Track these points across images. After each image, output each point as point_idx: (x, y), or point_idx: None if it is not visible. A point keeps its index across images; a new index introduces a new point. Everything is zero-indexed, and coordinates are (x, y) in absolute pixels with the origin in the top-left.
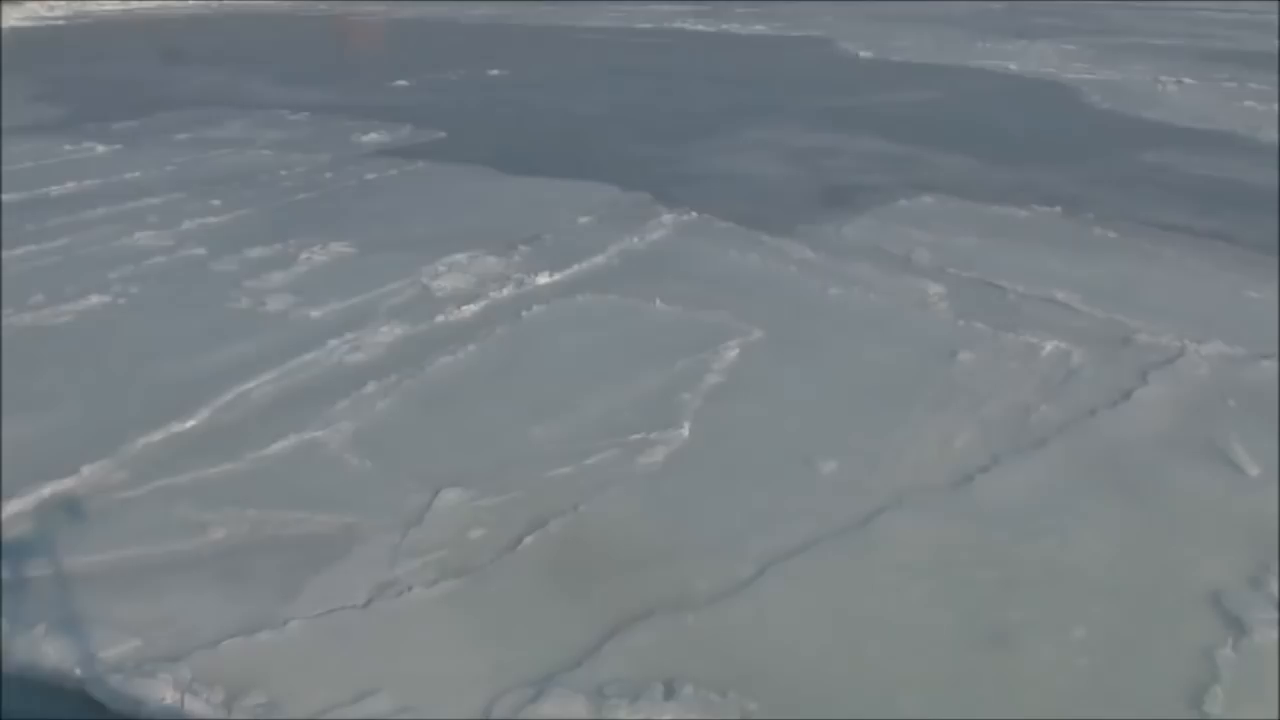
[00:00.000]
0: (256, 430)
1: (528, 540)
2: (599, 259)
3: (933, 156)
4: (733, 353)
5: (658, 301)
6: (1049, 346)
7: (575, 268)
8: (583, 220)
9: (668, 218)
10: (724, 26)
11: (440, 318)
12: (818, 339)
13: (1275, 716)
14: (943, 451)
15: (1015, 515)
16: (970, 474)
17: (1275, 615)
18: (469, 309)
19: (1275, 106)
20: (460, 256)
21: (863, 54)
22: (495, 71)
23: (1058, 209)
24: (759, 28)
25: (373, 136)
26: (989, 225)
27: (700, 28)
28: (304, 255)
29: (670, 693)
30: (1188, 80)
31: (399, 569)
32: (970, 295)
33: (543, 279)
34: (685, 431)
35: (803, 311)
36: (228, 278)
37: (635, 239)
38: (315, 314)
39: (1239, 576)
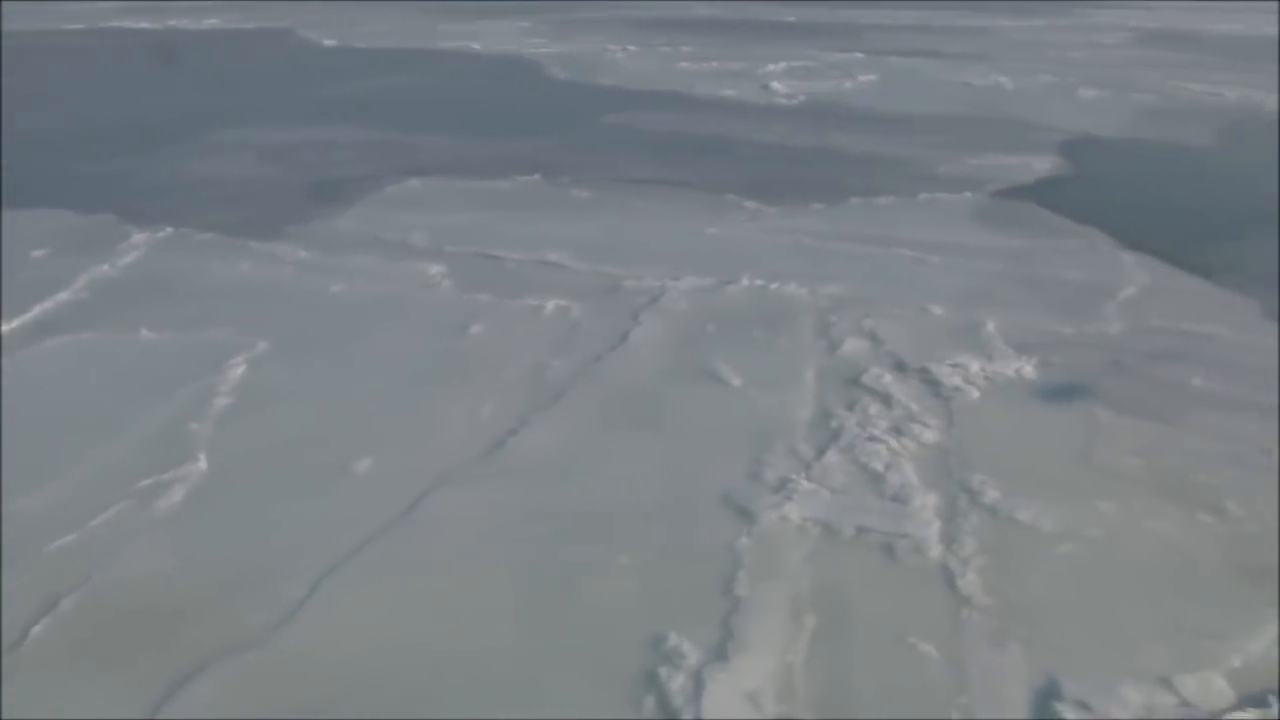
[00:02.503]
0: None
1: (37, 630)
2: (65, 294)
3: (414, 140)
4: (239, 370)
5: (143, 331)
6: (550, 305)
7: (39, 308)
8: (38, 253)
9: (139, 237)
10: (171, 23)
11: None
12: (329, 338)
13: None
14: (473, 423)
15: (551, 467)
16: (502, 439)
17: (775, 499)
18: None
19: (706, 65)
20: None
21: (327, 43)
22: None
23: (537, 176)
24: (212, 21)
25: None
26: (477, 200)
27: (144, 25)
28: None
29: None
30: (631, 48)
31: None
32: (471, 269)
33: (4, 326)
34: (202, 464)
35: (308, 313)
36: None
37: (105, 266)
38: None
39: (741, 475)
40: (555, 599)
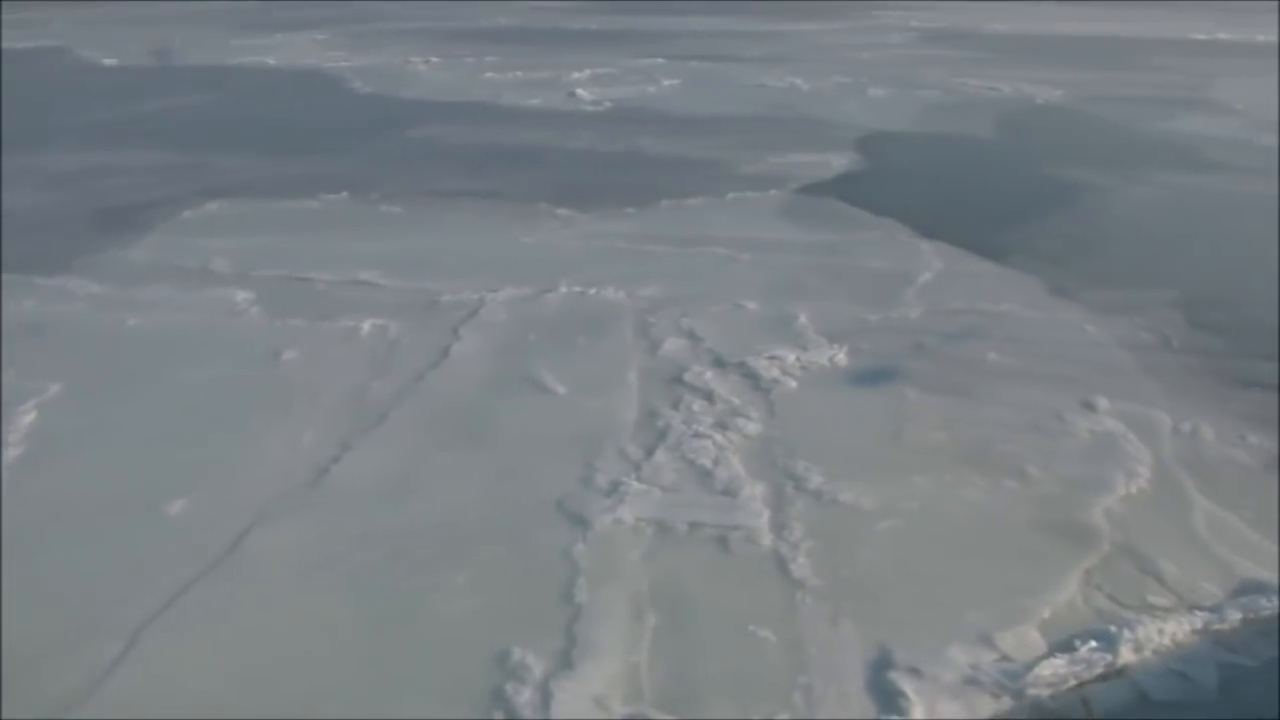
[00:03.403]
0: None
1: None
2: None
3: (211, 161)
4: (29, 417)
5: None
6: (367, 326)
7: None
8: None
9: None
10: None
11: None
12: (128, 376)
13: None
14: (293, 453)
15: (380, 491)
16: (325, 467)
17: (608, 502)
18: None
19: (511, 75)
20: None
21: (107, 61)
22: None
23: (345, 194)
24: None
25: None
26: (282, 221)
27: None
28: None
29: None
30: (434, 59)
31: None
32: (280, 294)
33: None
34: None
35: (104, 351)
36: None
37: None
38: None
39: (573, 481)
40: (395, 625)
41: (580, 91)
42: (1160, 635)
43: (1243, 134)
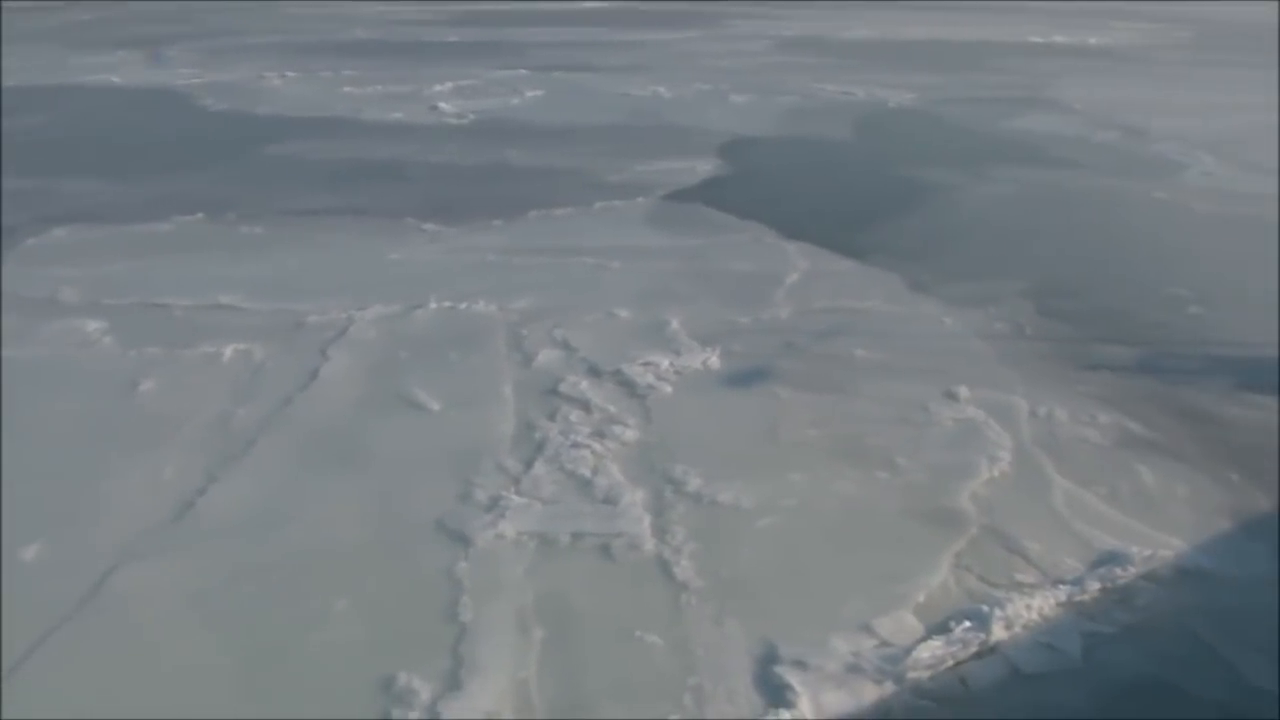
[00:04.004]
0: None
1: None
2: None
3: (53, 185)
4: None
5: None
6: (229, 351)
7: None
8: None
9: None
10: None
11: None
12: None
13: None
14: (156, 487)
15: (251, 521)
16: (191, 500)
17: (489, 518)
18: None
19: (371, 89)
20: None
21: None
22: None
23: (200, 215)
24: None
25: None
26: (135, 246)
27: None
28: None
29: None
30: (290, 74)
31: None
32: (135, 322)
33: None
34: None
35: None
36: None
37: None
38: None
39: (452, 499)
40: (275, 659)
41: (443, 105)
42: (1028, 611)
43: (1082, 131)
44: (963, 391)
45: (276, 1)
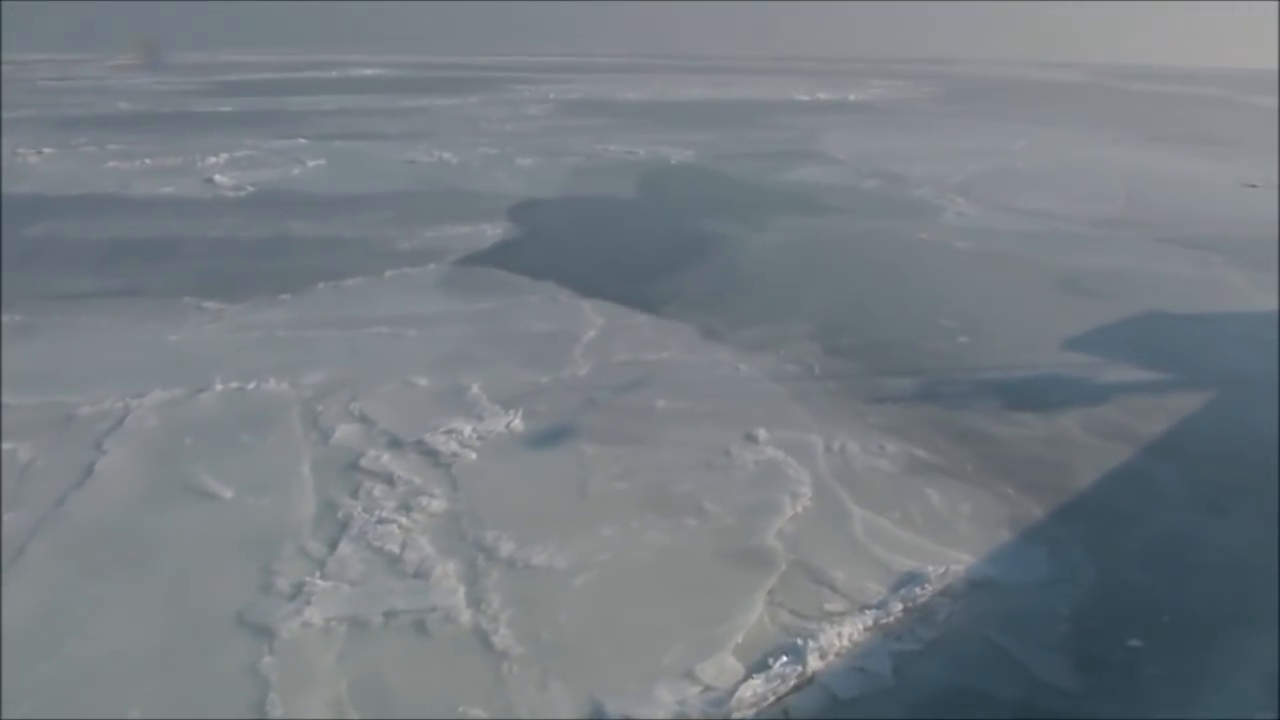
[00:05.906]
0: None
1: None
2: None
3: None
4: None
5: None
6: None
7: None
8: None
9: None
10: None
11: None
12: None
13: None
14: None
15: (25, 637)
16: None
17: (294, 606)
18: None
19: (140, 163)
20: None
21: None
22: None
23: None
24: None
25: None
26: None
27: None
28: None
29: None
30: (47, 149)
31: None
32: None
33: None
34: None
35: None
36: None
37: None
38: None
39: (253, 590)
40: None
41: (218, 177)
42: (840, 638)
43: (848, 180)
44: (761, 433)
45: (29, 75)
